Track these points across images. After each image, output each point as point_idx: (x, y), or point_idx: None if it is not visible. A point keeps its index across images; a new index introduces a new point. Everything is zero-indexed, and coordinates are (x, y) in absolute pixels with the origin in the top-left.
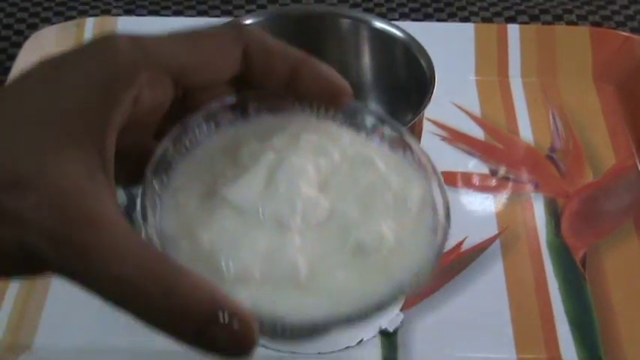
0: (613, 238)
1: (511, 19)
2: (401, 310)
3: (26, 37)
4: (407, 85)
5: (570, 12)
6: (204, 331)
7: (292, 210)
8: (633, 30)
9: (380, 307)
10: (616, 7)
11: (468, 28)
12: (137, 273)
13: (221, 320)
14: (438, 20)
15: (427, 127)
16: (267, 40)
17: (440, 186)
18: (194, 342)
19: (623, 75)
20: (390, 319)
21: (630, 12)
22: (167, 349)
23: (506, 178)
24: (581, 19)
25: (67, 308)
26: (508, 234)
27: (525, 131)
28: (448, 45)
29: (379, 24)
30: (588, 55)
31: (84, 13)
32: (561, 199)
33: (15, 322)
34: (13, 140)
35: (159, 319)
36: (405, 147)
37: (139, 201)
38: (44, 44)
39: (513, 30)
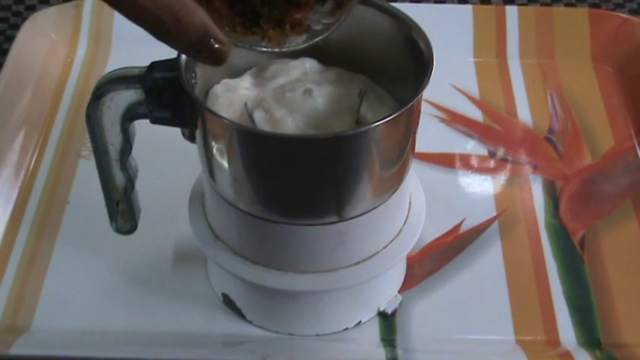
0: (611, 219)
1: (509, 1)
2: (399, 291)
3: (24, 19)
4: (405, 67)
5: None
6: (196, 46)
7: None
8: (632, 12)
9: None
10: None
11: (467, 9)
12: (155, 5)
13: (206, 41)
14: (437, 2)
15: (425, 108)
16: None
17: None
18: (189, 52)
19: (621, 56)
20: (388, 300)
21: None
22: (165, 331)
23: (504, 160)
24: (580, 0)
25: (66, 290)
26: (506, 216)
27: (524, 113)
28: (446, 26)
29: (377, 5)
30: (587, 36)
31: None
32: (560, 181)
33: (13, 304)
34: None
35: (166, 36)
36: None
37: None
38: (42, 26)
39: (512, 11)
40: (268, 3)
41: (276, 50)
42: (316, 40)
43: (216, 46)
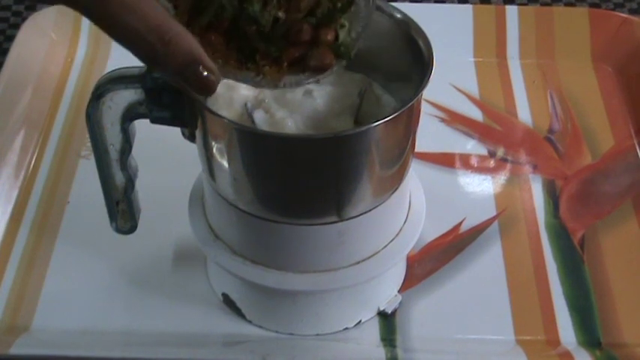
0: (611, 219)
1: (509, 0)
2: (399, 291)
3: (24, 19)
4: (405, 67)
5: None
6: (183, 72)
7: None
8: (631, 11)
9: None
10: None
11: (467, 9)
12: (145, 27)
13: (194, 67)
14: (437, 1)
15: (425, 108)
16: None
17: None
18: (176, 79)
19: (621, 56)
20: (388, 300)
21: None
22: (165, 331)
23: (504, 160)
24: (580, 0)
25: (66, 290)
26: (506, 215)
27: (524, 113)
28: (446, 26)
29: (377, 5)
30: (587, 36)
31: None
32: (560, 181)
33: (13, 304)
34: None
35: (153, 59)
36: None
37: None
38: (43, 25)
39: (512, 11)
40: (266, 39)
41: (276, 87)
42: (314, 79)
43: (205, 74)
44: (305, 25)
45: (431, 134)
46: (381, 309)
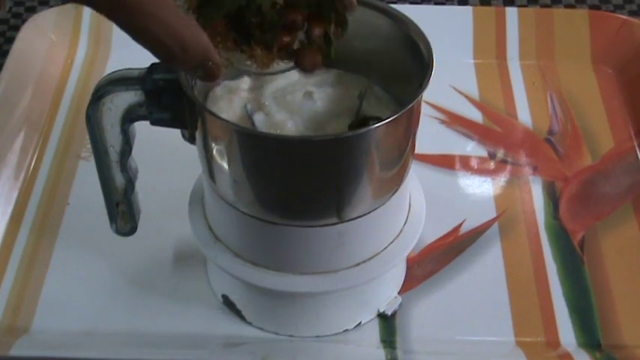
0: (611, 220)
1: (509, 2)
2: (399, 293)
3: (24, 20)
4: (405, 68)
5: None
6: (195, 68)
7: None
8: (631, 13)
9: None
10: None
11: (467, 10)
12: (166, 34)
13: (205, 65)
14: (437, 3)
15: (425, 110)
16: None
17: None
18: (189, 71)
19: (621, 58)
20: (388, 302)
21: None
22: (165, 332)
23: (504, 161)
24: (580, 1)
25: (66, 291)
26: (506, 217)
27: (524, 114)
28: (446, 28)
29: (377, 6)
30: (586, 38)
31: None
32: (560, 182)
33: (13, 305)
34: None
35: (170, 60)
36: None
37: None
38: (43, 27)
39: (512, 13)
40: (262, 28)
41: (263, 72)
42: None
43: (212, 66)
44: (300, 16)
45: (431, 136)
46: (381, 310)
